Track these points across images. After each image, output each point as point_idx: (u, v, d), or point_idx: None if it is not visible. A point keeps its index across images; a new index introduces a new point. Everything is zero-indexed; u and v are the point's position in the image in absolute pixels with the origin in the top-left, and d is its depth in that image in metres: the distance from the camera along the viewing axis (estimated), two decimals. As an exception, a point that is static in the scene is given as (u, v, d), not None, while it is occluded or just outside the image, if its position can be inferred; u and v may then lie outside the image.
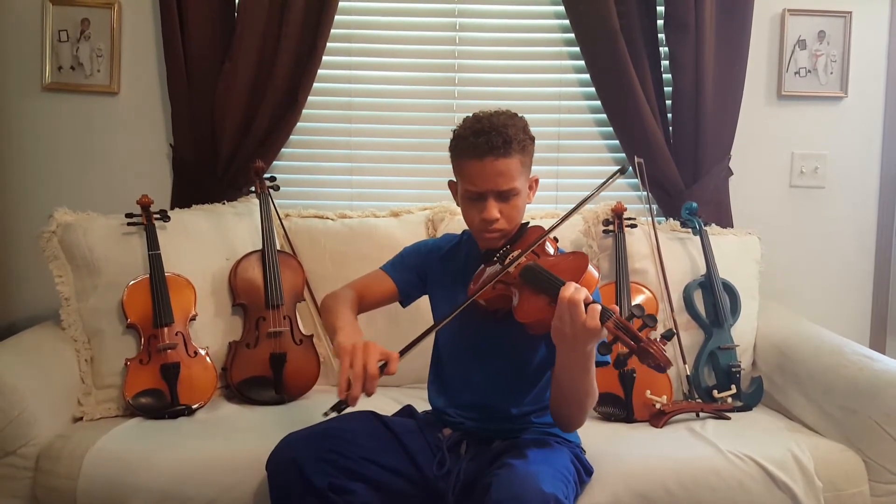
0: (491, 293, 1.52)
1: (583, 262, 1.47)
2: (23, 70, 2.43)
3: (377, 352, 1.40)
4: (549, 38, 2.55)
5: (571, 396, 1.49)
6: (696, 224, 2.23)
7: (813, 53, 2.55)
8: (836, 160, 2.59)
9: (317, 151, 2.56)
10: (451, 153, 1.61)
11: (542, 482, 1.34)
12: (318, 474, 1.42)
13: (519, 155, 1.54)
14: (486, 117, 1.56)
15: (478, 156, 1.52)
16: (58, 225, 2.03)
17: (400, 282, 1.73)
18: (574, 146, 2.58)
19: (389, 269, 1.75)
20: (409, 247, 1.80)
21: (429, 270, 1.73)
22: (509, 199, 1.56)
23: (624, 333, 1.32)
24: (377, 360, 1.39)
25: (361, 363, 1.38)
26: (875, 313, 2.62)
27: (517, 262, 1.50)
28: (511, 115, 1.58)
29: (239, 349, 2.07)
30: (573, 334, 1.35)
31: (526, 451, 1.47)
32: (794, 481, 1.67)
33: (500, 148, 1.51)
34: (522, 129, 1.56)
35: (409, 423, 1.65)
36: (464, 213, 1.62)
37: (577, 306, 1.33)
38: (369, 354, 1.39)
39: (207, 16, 2.35)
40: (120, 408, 1.95)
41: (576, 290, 1.35)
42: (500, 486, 1.36)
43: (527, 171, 1.59)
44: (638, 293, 2.15)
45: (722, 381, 2.10)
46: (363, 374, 1.37)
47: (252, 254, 2.15)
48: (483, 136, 1.51)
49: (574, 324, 1.34)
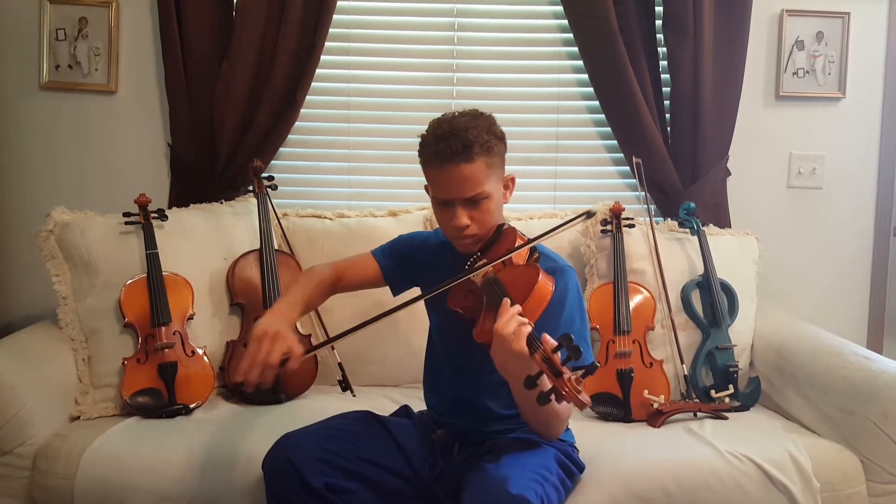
0: (464, 302, 1.49)
1: (533, 277, 1.41)
2: (20, 69, 2.42)
3: (284, 345, 1.40)
4: (548, 38, 2.55)
5: (532, 417, 1.46)
6: (694, 224, 2.23)
7: (811, 54, 2.55)
8: (834, 161, 2.59)
9: (315, 151, 2.55)
10: (419, 159, 1.55)
11: (511, 485, 1.32)
12: (315, 474, 1.42)
13: (483, 157, 1.47)
14: (448, 121, 1.49)
15: (439, 163, 1.47)
16: (55, 224, 2.03)
17: (386, 267, 1.70)
18: (572, 146, 2.58)
19: (379, 254, 1.72)
20: (403, 236, 1.78)
21: (418, 263, 1.70)
22: (479, 203, 1.49)
23: (548, 367, 1.26)
24: (280, 354, 1.39)
25: (265, 351, 1.38)
26: (872, 314, 2.63)
27: (483, 272, 1.46)
28: (474, 115, 1.51)
29: (237, 348, 2.07)
30: (503, 362, 1.34)
31: (503, 453, 1.45)
32: (792, 481, 1.67)
33: (461, 154, 1.45)
34: (486, 130, 1.49)
35: (406, 423, 1.65)
36: (437, 219, 1.58)
37: (502, 339, 1.30)
38: (275, 345, 1.39)
39: (206, 15, 2.35)
40: (117, 407, 1.94)
41: (507, 320, 1.31)
42: (471, 490, 1.36)
43: (497, 172, 1.52)
44: (636, 293, 2.15)
45: (719, 381, 2.10)
46: (263, 362, 1.38)
47: (250, 253, 2.15)
48: (444, 143, 1.46)
49: (503, 353, 1.31)
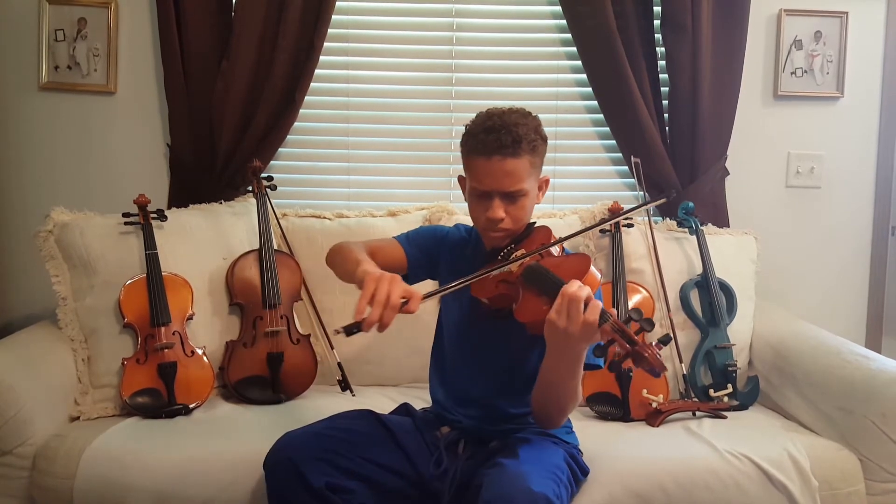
0: (493, 291, 1.50)
1: (585, 263, 1.45)
2: (19, 69, 2.42)
3: (402, 286, 1.37)
4: (547, 38, 2.55)
5: (553, 397, 1.47)
6: (693, 224, 2.24)
7: (809, 54, 2.55)
8: (833, 160, 2.59)
9: (314, 151, 2.55)
10: (461, 148, 1.58)
11: (532, 482, 1.33)
12: (316, 473, 1.42)
13: (528, 155, 1.51)
14: (498, 114, 1.53)
15: (486, 154, 1.50)
16: (54, 224, 2.03)
17: (411, 256, 1.68)
18: (571, 146, 2.58)
19: (404, 240, 1.71)
20: (425, 227, 1.78)
21: (440, 257, 1.70)
22: (516, 199, 1.53)
23: (620, 336, 1.30)
24: (400, 295, 1.36)
25: (386, 291, 1.35)
26: (871, 313, 2.63)
27: (520, 262, 1.49)
28: (524, 113, 1.56)
29: (236, 348, 2.07)
30: (567, 330, 1.33)
31: (518, 450, 1.46)
32: (791, 480, 1.67)
33: (510, 147, 1.49)
34: (534, 130, 1.53)
35: (407, 421, 1.65)
36: (470, 210, 1.60)
37: (577, 302, 1.32)
38: (395, 285, 1.36)
39: (205, 15, 2.35)
40: (117, 407, 1.94)
41: (579, 288, 1.34)
42: (489, 485, 1.36)
43: (536, 172, 1.56)
44: (634, 293, 2.15)
45: (718, 381, 2.11)
46: (385, 302, 1.34)
47: (249, 253, 2.15)
48: (493, 134, 1.49)
49: (571, 319, 1.32)
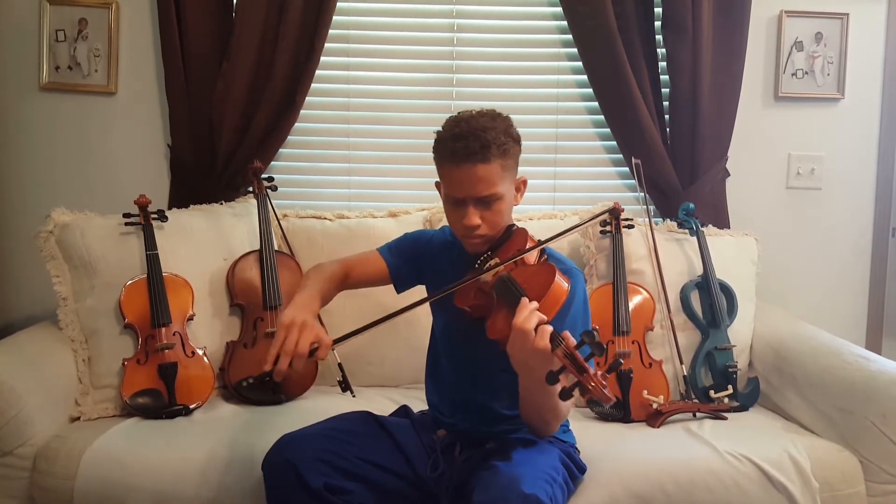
0: (472, 301, 1.49)
1: (549, 277, 1.41)
2: (20, 70, 2.43)
3: (312, 334, 1.39)
4: (547, 38, 2.55)
5: (535, 414, 1.47)
6: (693, 225, 2.24)
7: (810, 55, 2.55)
8: (833, 162, 2.59)
9: (315, 152, 2.56)
10: (434, 155, 1.55)
11: (524, 484, 1.33)
12: (314, 474, 1.42)
13: (499, 159, 1.48)
14: (466, 119, 1.50)
15: (455, 161, 1.48)
16: (55, 225, 2.03)
17: (392, 266, 1.69)
18: (571, 147, 2.58)
19: (385, 251, 1.72)
20: (409, 234, 1.78)
21: (425, 262, 1.70)
22: (491, 204, 1.50)
23: (571, 363, 1.27)
24: (310, 342, 1.39)
25: (294, 340, 1.37)
26: (871, 314, 2.63)
27: (494, 271, 1.47)
28: (493, 116, 1.52)
29: (236, 349, 2.07)
30: (523, 359, 1.33)
31: (511, 452, 1.46)
32: (791, 481, 1.67)
33: (478, 154, 1.45)
34: (504, 132, 1.49)
35: (405, 423, 1.65)
36: (447, 217, 1.58)
37: (525, 333, 1.30)
38: (304, 334, 1.39)
39: (205, 16, 2.35)
40: (117, 408, 1.95)
41: (527, 317, 1.31)
42: (482, 488, 1.36)
43: (511, 174, 1.53)
44: (635, 294, 2.15)
45: (719, 382, 2.11)
46: (292, 351, 1.37)
47: (250, 254, 2.15)
48: (461, 141, 1.46)
49: (524, 349, 1.31)
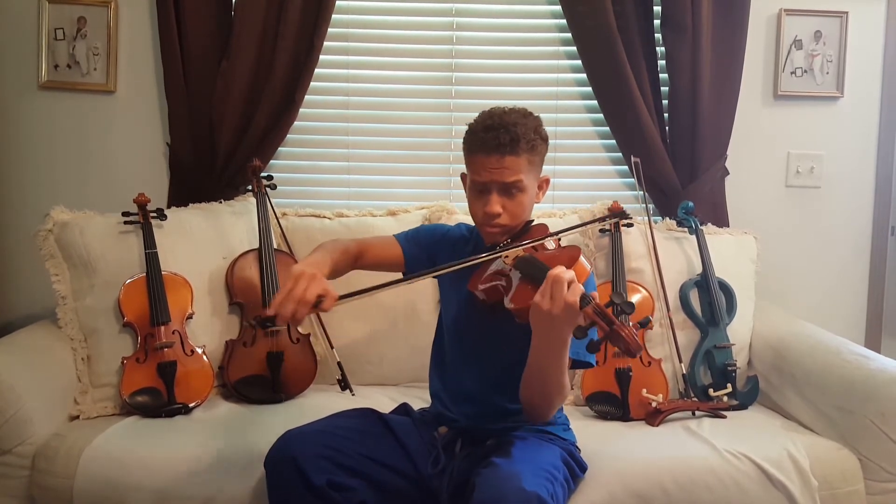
0: (487, 283, 1.52)
1: (575, 253, 1.48)
2: (19, 68, 2.42)
3: (320, 285, 1.40)
4: (547, 37, 2.55)
5: (539, 385, 1.47)
6: (693, 223, 2.24)
7: (809, 53, 2.55)
8: (832, 160, 2.59)
9: (314, 150, 2.55)
10: (463, 146, 1.62)
11: (525, 481, 1.34)
12: (317, 471, 1.42)
13: (527, 154, 1.56)
14: (499, 114, 1.57)
15: (485, 151, 1.55)
16: (54, 223, 2.03)
17: (409, 254, 1.71)
18: (571, 146, 2.58)
19: (402, 239, 1.74)
20: (426, 225, 1.83)
21: (439, 255, 1.72)
22: (514, 194, 1.57)
23: (600, 318, 1.31)
24: (316, 293, 1.39)
25: (302, 288, 1.38)
26: (870, 313, 2.63)
27: (514, 255, 1.51)
28: (524, 114, 1.60)
29: (236, 348, 2.07)
30: (551, 311, 1.33)
31: (512, 449, 1.47)
32: (790, 480, 1.68)
33: (507, 145, 1.53)
34: (534, 129, 1.57)
35: (406, 421, 1.65)
36: (469, 206, 1.63)
37: (560, 283, 1.33)
38: (312, 284, 1.39)
39: (205, 15, 2.35)
40: (116, 406, 1.94)
41: (563, 270, 1.36)
42: (483, 485, 1.36)
43: (536, 170, 1.60)
44: (634, 292, 2.15)
45: (718, 380, 2.11)
46: (299, 298, 1.37)
47: (249, 252, 2.15)
48: (492, 132, 1.54)
49: (554, 300, 1.33)
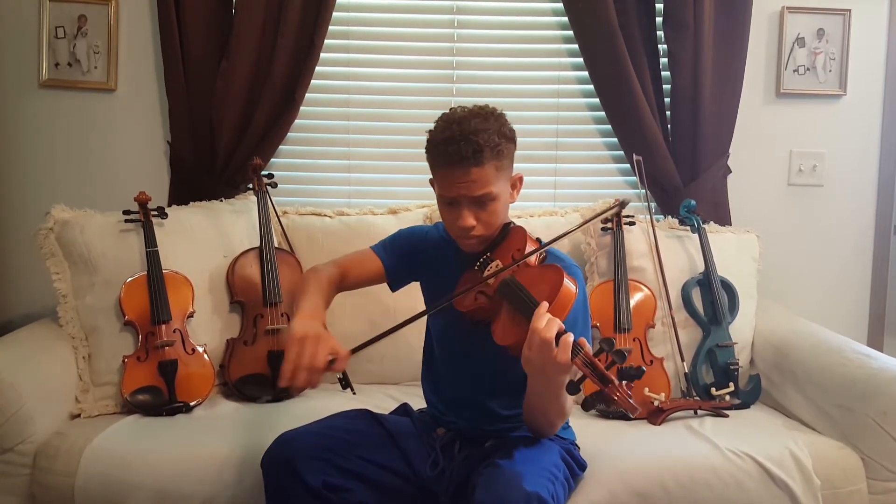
0: (472, 305, 1.48)
1: (557, 278, 1.40)
2: (19, 66, 2.42)
3: (328, 346, 1.37)
4: (548, 35, 2.54)
5: (540, 415, 1.48)
6: (695, 222, 2.23)
7: (812, 51, 2.54)
8: (835, 158, 2.59)
9: (315, 149, 2.55)
10: (426, 155, 1.52)
11: (526, 481, 1.33)
12: (313, 473, 1.42)
13: (494, 160, 1.45)
14: (458, 121, 1.46)
15: (447, 165, 1.45)
16: (55, 222, 2.03)
17: (388, 265, 1.66)
18: (572, 144, 2.58)
19: (380, 250, 1.68)
20: (403, 230, 1.74)
21: (420, 259, 1.67)
22: (485, 204, 1.47)
23: (592, 372, 1.28)
24: (326, 355, 1.36)
25: (309, 354, 1.34)
26: (873, 312, 2.63)
27: (496, 275, 1.45)
28: (485, 116, 1.47)
29: (237, 346, 2.07)
30: (542, 367, 1.32)
31: (513, 450, 1.46)
32: (792, 479, 1.67)
33: (471, 158, 1.42)
34: (497, 132, 1.46)
35: (405, 421, 1.65)
36: (442, 217, 1.55)
37: (546, 343, 1.30)
38: (319, 347, 1.36)
39: (205, 13, 2.35)
40: (117, 405, 1.94)
41: (547, 325, 1.31)
42: (484, 486, 1.36)
43: (506, 173, 1.50)
44: (636, 291, 2.14)
45: (720, 379, 2.10)
46: (309, 366, 1.34)
47: (250, 251, 2.15)
48: (453, 145, 1.43)
49: (543, 358, 1.31)
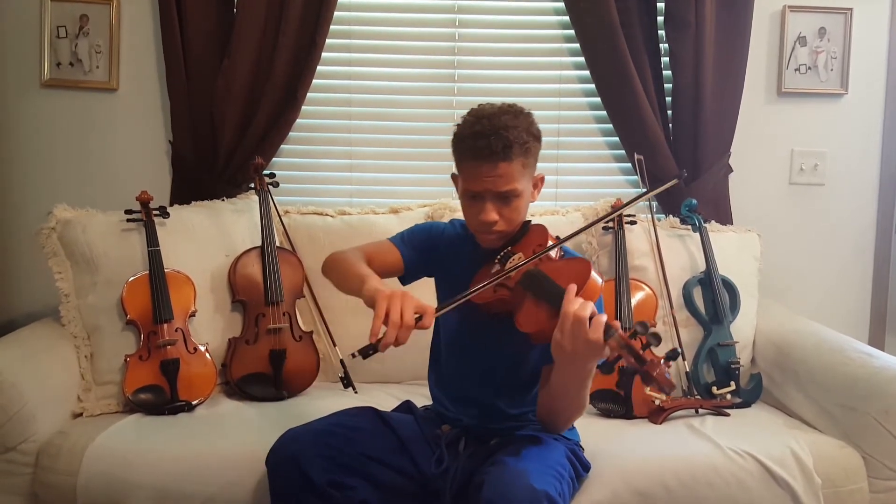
0: (491, 297, 1.48)
1: (585, 269, 1.41)
2: (21, 66, 2.42)
3: (414, 303, 1.36)
4: (549, 34, 2.54)
5: (562, 407, 1.48)
6: (696, 221, 2.23)
7: (813, 50, 2.54)
8: (836, 157, 2.58)
9: (316, 148, 2.55)
10: (452, 148, 1.55)
11: (533, 479, 1.33)
12: (318, 470, 1.42)
13: (521, 157, 1.48)
14: (488, 117, 1.48)
15: (476, 159, 1.47)
16: (57, 221, 2.03)
17: (407, 257, 1.66)
18: (574, 143, 2.58)
19: (399, 242, 1.68)
20: (420, 225, 1.75)
21: (436, 255, 1.68)
22: (509, 200, 1.50)
23: (627, 352, 1.27)
24: (413, 312, 1.35)
25: (399, 311, 1.33)
26: (874, 310, 2.63)
27: (518, 267, 1.45)
28: (515, 113, 1.51)
29: (238, 345, 2.07)
30: (574, 350, 1.32)
31: (519, 448, 1.46)
32: (794, 478, 1.67)
33: (500, 153, 1.45)
34: (526, 130, 1.49)
35: (408, 419, 1.65)
36: (463, 211, 1.57)
37: (580, 323, 1.29)
38: (407, 304, 1.34)
39: (206, 12, 2.35)
40: (120, 404, 1.95)
41: (581, 306, 1.31)
42: (491, 483, 1.36)
43: (530, 171, 1.53)
44: (637, 290, 2.14)
45: (721, 378, 2.10)
46: (399, 322, 1.32)
47: (251, 250, 2.15)
48: (483, 140, 1.45)
49: (576, 340, 1.30)
